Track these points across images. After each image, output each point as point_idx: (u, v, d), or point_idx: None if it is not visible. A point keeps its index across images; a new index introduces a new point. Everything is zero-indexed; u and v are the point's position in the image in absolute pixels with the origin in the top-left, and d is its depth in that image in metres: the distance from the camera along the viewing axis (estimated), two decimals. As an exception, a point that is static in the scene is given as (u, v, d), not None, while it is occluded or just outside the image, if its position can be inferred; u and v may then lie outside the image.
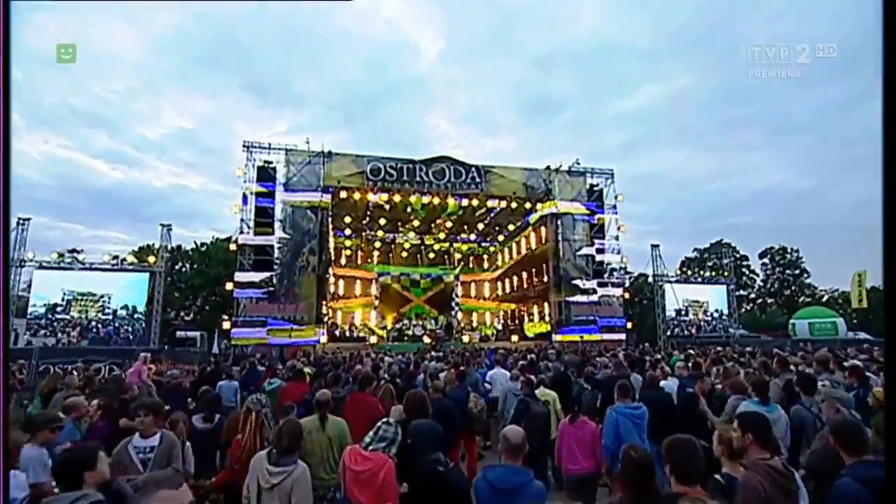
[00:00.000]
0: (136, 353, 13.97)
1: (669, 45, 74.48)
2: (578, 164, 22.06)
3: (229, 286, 17.95)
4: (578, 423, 4.11)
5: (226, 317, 18.12)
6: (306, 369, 8.61)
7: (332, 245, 24.29)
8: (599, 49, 76.93)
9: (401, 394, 4.63)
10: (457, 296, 27.09)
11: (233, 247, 18.40)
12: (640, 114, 77.43)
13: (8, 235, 1.52)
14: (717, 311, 23.51)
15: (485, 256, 29.90)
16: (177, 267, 35.80)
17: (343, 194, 19.86)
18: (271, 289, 18.13)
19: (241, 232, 18.39)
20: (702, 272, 27.06)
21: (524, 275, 25.07)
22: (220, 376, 8.15)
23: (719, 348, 12.56)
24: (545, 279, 22.15)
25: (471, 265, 29.51)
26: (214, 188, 74.76)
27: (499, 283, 29.03)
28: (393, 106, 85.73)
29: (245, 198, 18.64)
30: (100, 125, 67.94)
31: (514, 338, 22.01)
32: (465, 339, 21.93)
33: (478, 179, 20.41)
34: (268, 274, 18.26)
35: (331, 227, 22.02)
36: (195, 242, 36.19)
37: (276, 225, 19.02)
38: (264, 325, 17.50)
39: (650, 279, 36.49)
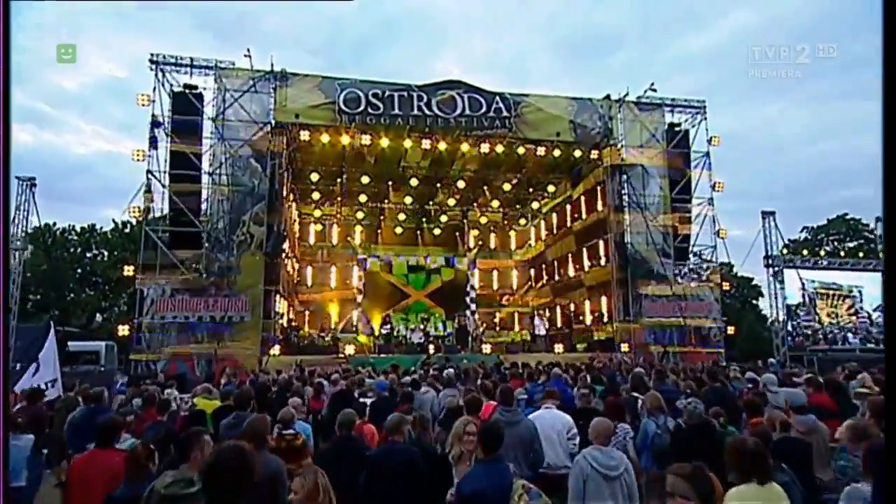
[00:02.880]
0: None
1: (761, -46, 69.86)
2: (654, 90, 19.69)
3: (128, 271, 15.92)
4: None
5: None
6: (212, 402, 6.65)
7: (292, 213, 22.38)
8: (663, -37, 72.61)
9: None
10: (473, 288, 25.56)
11: (135, 213, 16.23)
12: (719, 53, 72.79)
13: (8, 231, 1.93)
14: (879, 307, 20.03)
15: (512, 233, 28.21)
16: (89, 255, 33.50)
17: (305, 135, 17.80)
18: (194, 276, 16.26)
19: (148, 191, 16.10)
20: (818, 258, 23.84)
21: (570, 258, 23.30)
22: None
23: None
24: (603, 263, 20.35)
25: (493, 245, 27.85)
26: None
27: (532, 271, 27.39)
28: (391, 49, 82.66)
29: (154, 140, 16.27)
30: None
31: (559, 347, 19.64)
32: (487, 349, 19.67)
33: (505, 114, 18.48)
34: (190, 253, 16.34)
35: (288, 185, 20.04)
36: (113, 221, 34.11)
37: (205, 180, 17.06)
38: (182, 329, 15.83)
39: (736, 269, 33.88)
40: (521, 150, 19.48)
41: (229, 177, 17.03)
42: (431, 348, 19.56)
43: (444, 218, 26.03)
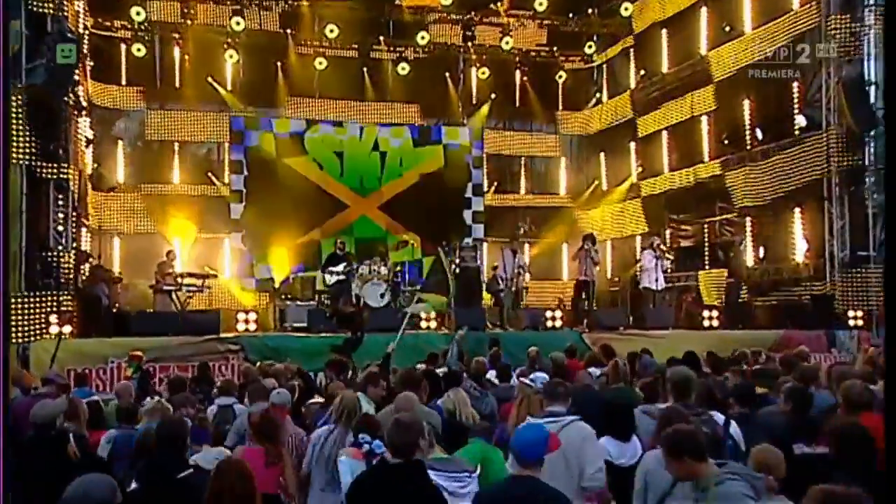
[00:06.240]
0: None
1: None
2: None
3: None
4: None
5: None
6: None
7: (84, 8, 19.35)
8: None
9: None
10: (478, 191, 25.54)
11: None
12: None
13: (7, 229, 3.40)
14: None
15: (562, 75, 26.05)
16: None
17: None
18: None
19: None
20: None
21: (707, 126, 21.92)
22: None
23: None
24: (796, 137, 19.00)
25: (519, 101, 26.11)
26: None
27: (604, 156, 26.41)
28: None
29: None
30: None
31: (711, 317, 18.51)
32: (555, 321, 18.73)
33: None
34: None
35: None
36: None
37: None
38: None
39: None
40: None
41: None
42: (425, 321, 18.39)
43: (422, 38, 23.40)
